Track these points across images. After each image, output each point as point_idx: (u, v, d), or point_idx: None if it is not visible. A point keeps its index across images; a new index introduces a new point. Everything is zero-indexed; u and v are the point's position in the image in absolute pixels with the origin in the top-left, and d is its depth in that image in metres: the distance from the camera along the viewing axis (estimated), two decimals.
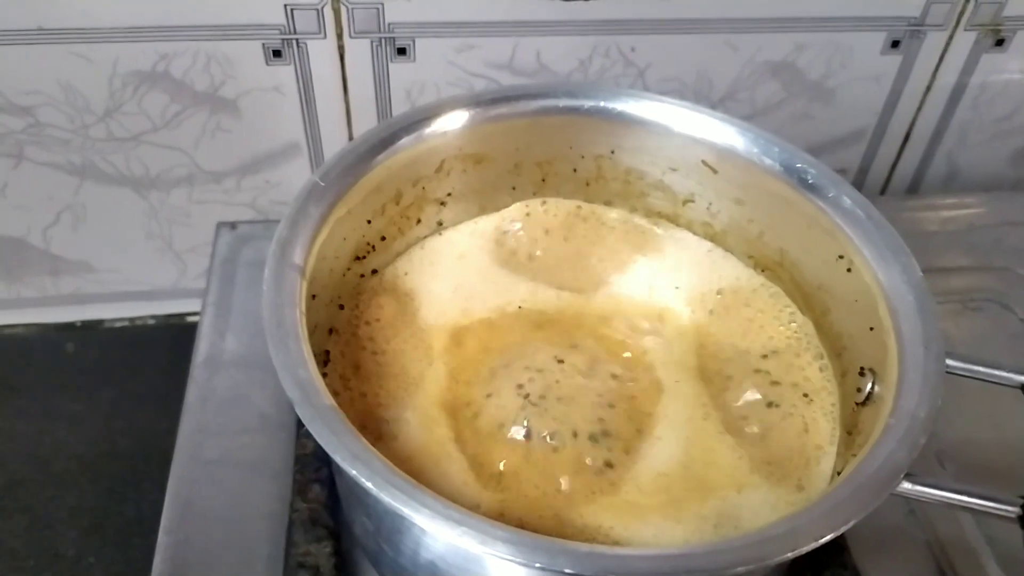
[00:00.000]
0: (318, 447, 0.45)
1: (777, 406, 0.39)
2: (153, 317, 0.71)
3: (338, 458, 0.29)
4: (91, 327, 0.71)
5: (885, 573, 0.43)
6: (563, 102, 0.44)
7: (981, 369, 0.35)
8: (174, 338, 0.70)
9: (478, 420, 0.37)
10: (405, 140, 0.41)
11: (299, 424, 0.47)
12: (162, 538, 0.44)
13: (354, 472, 0.28)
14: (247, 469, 0.47)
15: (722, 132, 0.43)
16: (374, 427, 0.37)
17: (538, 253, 0.46)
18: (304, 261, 0.36)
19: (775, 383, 0.40)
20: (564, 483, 0.35)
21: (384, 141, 0.41)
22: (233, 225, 0.59)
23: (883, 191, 0.72)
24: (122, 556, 0.61)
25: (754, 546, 0.28)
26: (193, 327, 0.54)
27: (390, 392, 0.39)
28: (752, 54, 0.62)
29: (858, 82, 0.64)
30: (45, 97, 0.57)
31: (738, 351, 0.41)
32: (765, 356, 0.41)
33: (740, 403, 0.39)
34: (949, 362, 0.34)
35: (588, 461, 0.36)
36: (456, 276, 0.44)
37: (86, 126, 0.59)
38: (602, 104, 0.44)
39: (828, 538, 0.28)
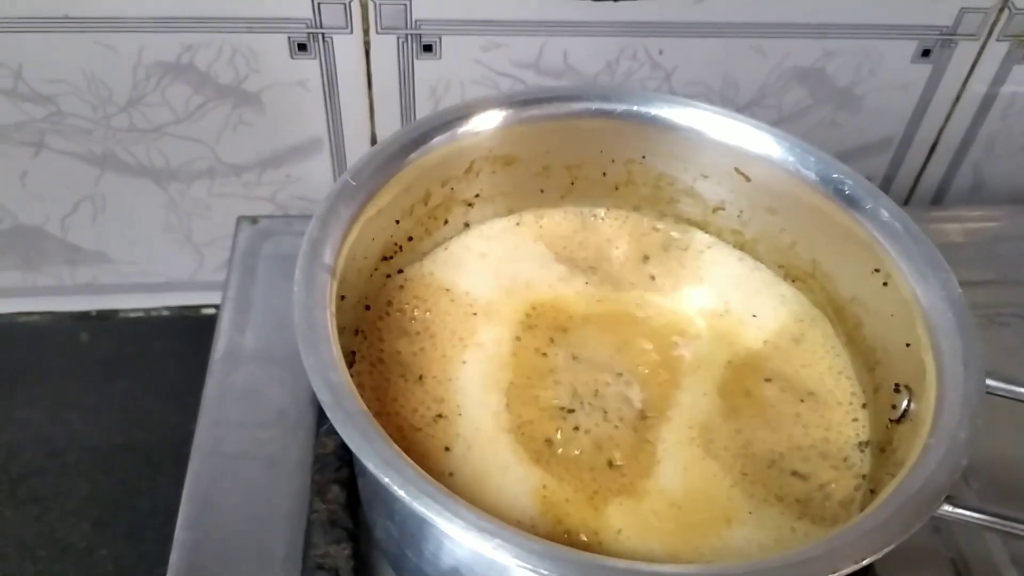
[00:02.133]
0: (338, 447, 0.45)
1: (805, 450, 0.38)
2: (168, 308, 0.71)
3: (371, 465, 0.28)
4: (106, 317, 0.70)
5: None
6: (596, 105, 0.43)
7: (1022, 391, 0.34)
8: (189, 330, 0.70)
9: (521, 418, 0.38)
10: (436, 140, 0.41)
11: (319, 423, 0.47)
12: (179, 534, 0.43)
13: (387, 479, 0.28)
14: (265, 466, 0.46)
15: (757, 140, 0.42)
16: (400, 429, 0.37)
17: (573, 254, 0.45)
18: (334, 261, 0.35)
19: (804, 410, 0.39)
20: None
21: (415, 141, 0.40)
22: (254, 219, 0.58)
23: (907, 201, 0.72)
24: (133, 549, 0.61)
25: (794, 566, 0.27)
26: (208, 319, 0.54)
27: (419, 392, 0.38)
28: (780, 59, 0.61)
29: (886, 90, 0.63)
30: (68, 86, 0.57)
31: (771, 375, 0.41)
32: (799, 383, 0.41)
33: (768, 439, 0.38)
34: (989, 382, 0.33)
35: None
36: (489, 273, 0.44)
37: (108, 116, 0.58)
38: (635, 108, 0.43)
39: (868, 561, 0.27)
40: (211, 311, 0.70)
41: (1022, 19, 0.60)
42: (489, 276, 0.43)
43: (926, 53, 0.62)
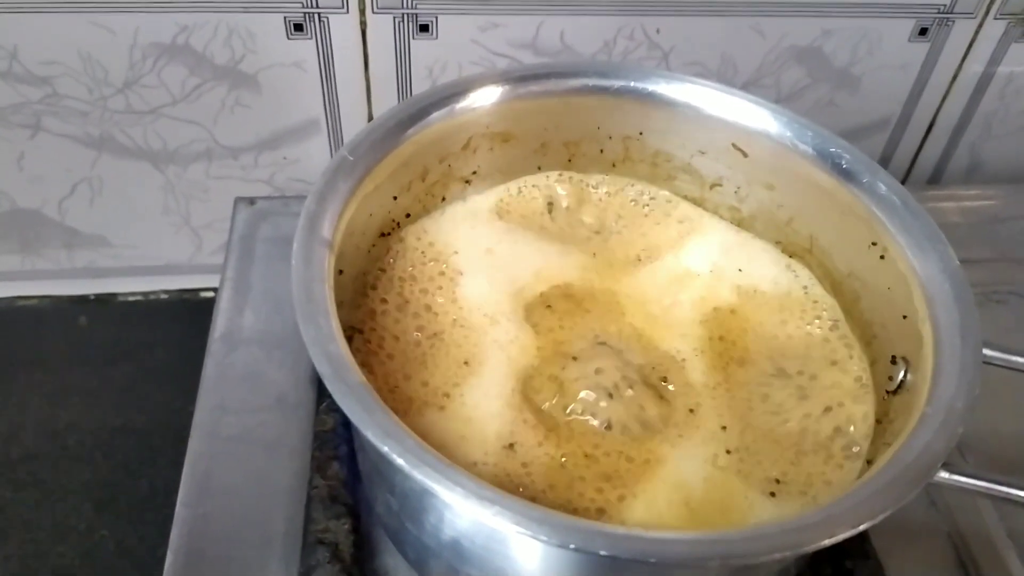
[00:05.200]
0: (338, 424, 0.45)
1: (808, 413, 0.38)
2: (166, 292, 0.71)
3: (370, 435, 0.28)
4: (105, 301, 0.70)
5: (906, 563, 0.43)
6: (593, 81, 0.43)
7: (1019, 360, 0.34)
8: (188, 313, 0.70)
9: (529, 394, 0.38)
10: (434, 115, 0.41)
11: (318, 401, 0.47)
12: (180, 511, 0.43)
13: (386, 449, 0.28)
14: (265, 445, 0.46)
15: (754, 115, 0.42)
16: (400, 402, 0.37)
17: (571, 224, 0.45)
18: (332, 235, 0.35)
19: (805, 382, 0.39)
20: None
21: (412, 116, 0.40)
22: (252, 201, 0.58)
23: (904, 181, 0.71)
24: (134, 531, 0.61)
25: (791, 532, 0.27)
26: (207, 302, 0.54)
27: (417, 367, 0.38)
28: (778, 39, 0.61)
29: (884, 70, 0.63)
30: (64, 67, 0.56)
31: (769, 346, 0.41)
32: (797, 354, 0.40)
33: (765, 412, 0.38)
34: (986, 352, 0.33)
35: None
36: (486, 248, 0.43)
37: (104, 98, 0.58)
38: (632, 84, 0.43)
39: (865, 526, 0.27)
40: (210, 294, 0.70)
41: None
42: (485, 251, 0.43)
43: (923, 32, 0.62)
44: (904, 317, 0.37)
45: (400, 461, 0.28)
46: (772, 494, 0.35)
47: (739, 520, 0.34)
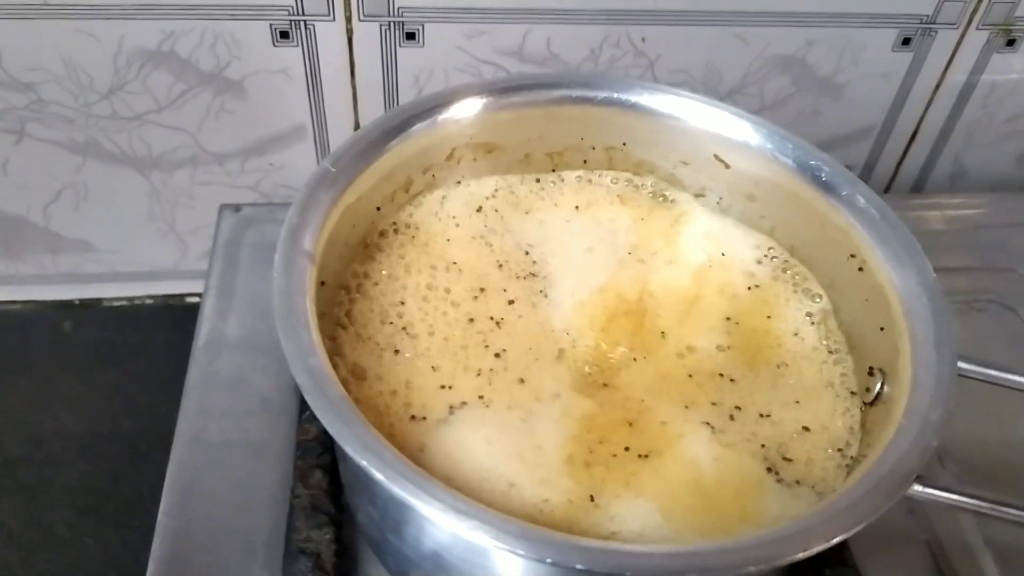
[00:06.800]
0: (320, 433, 0.45)
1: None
2: (151, 297, 0.71)
3: (350, 449, 0.28)
4: (90, 306, 0.70)
5: (884, 570, 0.44)
6: (577, 92, 0.44)
7: (993, 373, 0.34)
8: (173, 319, 0.70)
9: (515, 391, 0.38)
10: (417, 127, 0.41)
11: (301, 409, 0.47)
12: (162, 520, 0.43)
13: (365, 463, 0.28)
14: (248, 453, 0.47)
15: (736, 127, 0.42)
16: (385, 417, 0.37)
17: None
18: (314, 247, 0.35)
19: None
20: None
21: (396, 128, 0.40)
22: (237, 207, 0.58)
23: (887, 189, 0.72)
24: (119, 537, 0.61)
25: (766, 546, 0.27)
26: (192, 308, 0.54)
27: (400, 377, 0.38)
28: (762, 48, 0.61)
29: (867, 79, 0.64)
30: (48, 73, 0.56)
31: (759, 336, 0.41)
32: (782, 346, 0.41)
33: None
34: (961, 365, 0.34)
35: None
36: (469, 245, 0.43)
37: (89, 104, 0.58)
38: (616, 95, 0.44)
39: (839, 539, 0.28)
40: (195, 300, 0.70)
41: (1001, 8, 0.61)
42: (469, 250, 0.43)
43: (907, 42, 0.62)
44: (881, 329, 0.37)
45: (379, 475, 0.28)
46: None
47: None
